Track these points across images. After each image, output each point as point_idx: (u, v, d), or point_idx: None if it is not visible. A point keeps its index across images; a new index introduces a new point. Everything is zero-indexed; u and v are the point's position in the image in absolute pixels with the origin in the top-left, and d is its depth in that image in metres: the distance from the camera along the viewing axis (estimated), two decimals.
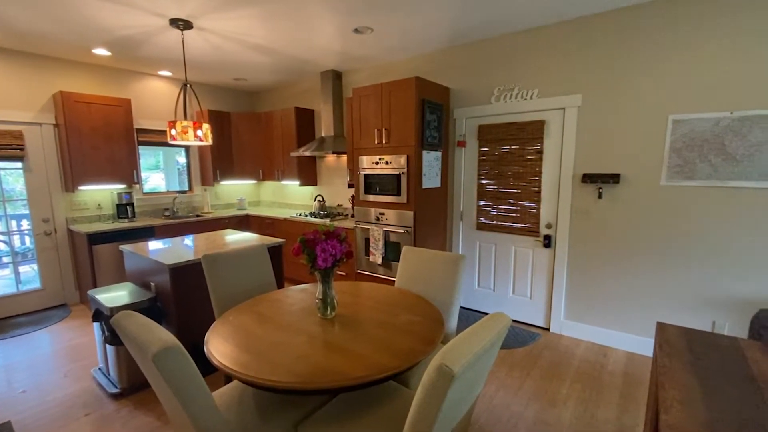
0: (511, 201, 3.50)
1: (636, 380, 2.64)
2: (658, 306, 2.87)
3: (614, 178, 2.87)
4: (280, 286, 3.31)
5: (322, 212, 4.84)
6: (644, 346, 2.96)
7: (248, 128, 5.32)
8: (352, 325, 1.78)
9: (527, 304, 3.55)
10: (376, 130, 3.55)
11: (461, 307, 4.00)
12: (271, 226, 4.95)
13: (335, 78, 4.55)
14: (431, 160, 3.53)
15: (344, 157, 4.82)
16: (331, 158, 5.00)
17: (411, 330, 1.72)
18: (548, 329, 3.45)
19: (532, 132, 3.26)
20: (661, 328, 1.76)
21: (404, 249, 2.53)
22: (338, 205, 4.98)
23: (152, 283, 2.79)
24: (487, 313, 3.79)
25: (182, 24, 3.02)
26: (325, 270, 1.76)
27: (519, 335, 3.32)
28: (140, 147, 4.70)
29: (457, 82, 3.68)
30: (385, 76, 4.23)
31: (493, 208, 3.63)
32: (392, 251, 3.61)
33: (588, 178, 2.97)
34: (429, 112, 3.40)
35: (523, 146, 3.35)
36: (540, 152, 3.26)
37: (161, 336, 1.23)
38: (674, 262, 2.77)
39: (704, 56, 2.52)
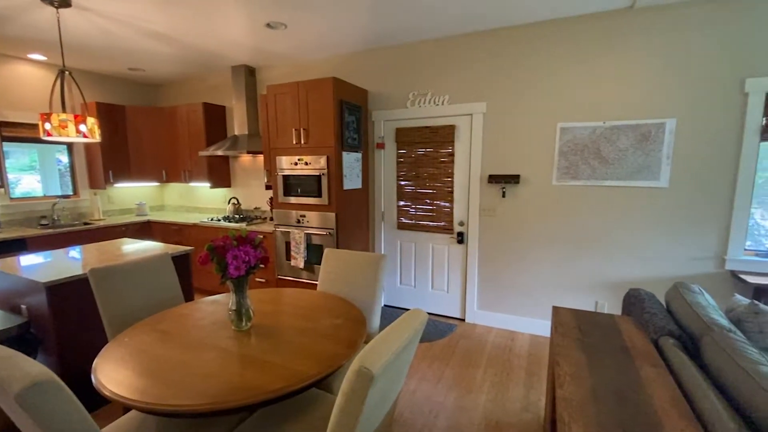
0: (428, 201, 3.66)
1: (538, 359, 2.95)
2: (555, 291, 3.25)
3: (515, 179, 3.18)
4: (189, 298, 3.03)
5: (237, 216, 4.55)
6: (544, 328, 3.33)
7: (148, 124, 4.76)
8: (270, 334, 1.69)
9: (445, 298, 3.75)
10: (293, 129, 3.44)
11: (385, 306, 4.07)
12: (178, 232, 4.50)
13: (248, 74, 4.31)
14: (352, 161, 3.54)
15: (261, 158, 4.58)
16: (246, 158, 4.72)
17: (333, 334, 1.69)
18: (464, 320, 3.68)
19: (444, 136, 3.46)
20: (556, 312, 1.98)
21: (326, 251, 2.49)
22: (256, 208, 4.73)
23: (23, 306, 2.33)
24: (409, 309, 3.92)
25: (57, 1, 2.58)
26: (238, 279, 1.64)
27: (438, 328, 3.49)
28: (5, 143, 3.92)
29: (375, 85, 3.74)
30: (302, 75, 4.13)
31: (412, 208, 3.76)
32: (315, 254, 3.53)
33: (493, 179, 3.24)
34: (348, 114, 3.40)
35: (436, 149, 3.53)
36: (452, 155, 3.47)
37: (28, 369, 1.03)
38: (566, 251, 3.16)
39: (585, 74, 2.92)
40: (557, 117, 3.04)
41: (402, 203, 3.80)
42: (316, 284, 2.52)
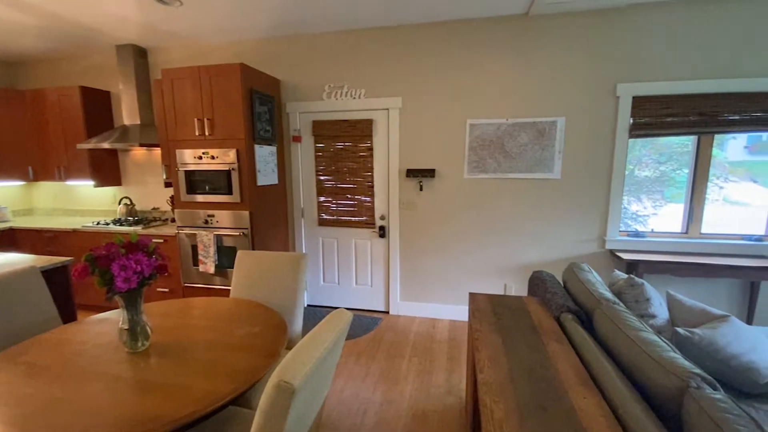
0: (349, 196, 3.61)
1: (458, 343, 3.11)
2: (469, 277, 3.45)
3: (431, 173, 3.29)
4: (70, 319, 2.56)
5: (131, 218, 3.98)
6: (461, 312, 3.53)
7: (4, 110, 3.89)
8: (174, 353, 1.48)
9: (369, 292, 3.75)
10: (196, 119, 3.10)
11: (308, 306, 3.94)
12: (52, 241, 3.78)
13: (138, 55, 3.76)
14: (265, 154, 3.31)
15: (158, 151, 4.06)
16: (139, 152, 4.14)
17: (250, 344, 1.55)
18: (388, 312, 3.73)
19: (362, 130, 3.43)
20: (473, 298, 2.09)
21: (239, 254, 2.29)
22: (154, 209, 4.19)
23: None
24: (335, 308, 3.84)
25: None
26: (129, 292, 1.40)
27: (364, 323, 3.48)
28: None
29: (289, 75, 3.55)
30: (204, 59, 3.73)
31: (333, 204, 3.67)
32: (227, 257, 3.24)
33: (411, 173, 3.31)
34: (259, 104, 3.16)
35: (355, 143, 3.49)
36: (371, 149, 3.46)
37: None
38: (478, 240, 3.37)
39: (490, 73, 3.12)
40: (467, 114, 3.21)
41: (322, 199, 3.69)
42: (230, 290, 2.31)
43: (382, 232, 3.58)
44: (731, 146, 3.05)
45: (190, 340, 1.58)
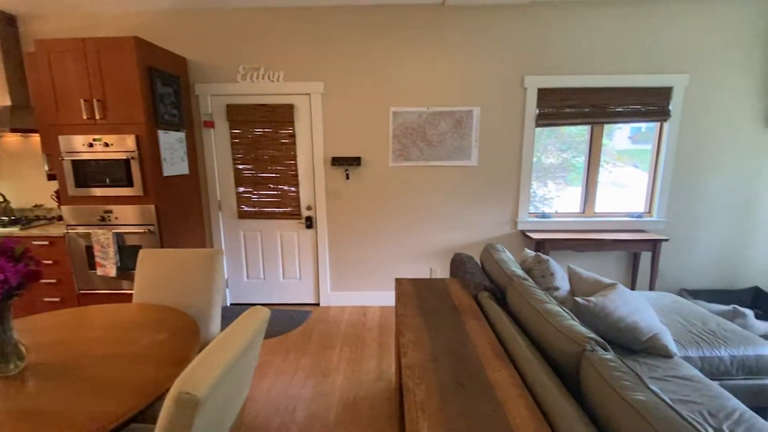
0: (271, 186, 3.43)
1: (388, 329, 3.16)
2: (397, 263, 3.52)
3: (357, 161, 3.25)
4: None
5: (5, 218, 3.34)
6: (390, 298, 3.59)
7: None
8: (57, 374, 1.27)
9: (298, 285, 3.64)
10: (83, 101, 2.67)
11: (231, 304, 3.70)
12: None
13: (5, 22, 3.12)
14: (172, 141, 2.98)
15: (37, 138, 3.44)
16: (12, 139, 3.47)
17: (155, 353, 1.39)
18: (318, 304, 3.66)
19: (283, 115, 3.26)
20: (398, 283, 2.11)
21: (141, 253, 2.04)
22: (36, 206, 3.56)
23: None
24: (261, 305, 3.65)
25: None
26: None
27: (293, 317, 3.37)
28: None
29: (197, 53, 3.21)
30: (93, 31, 3.22)
31: (254, 194, 3.46)
32: (132, 258, 2.88)
33: (336, 161, 3.24)
34: (161, 84, 2.82)
35: (276, 129, 3.31)
36: (293, 136, 3.31)
37: None
38: (404, 226, 3.44)
39: (411, 61, 3.15)
40: (390, 101, 3.21)
41: (242, 189, 3.45)
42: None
43: (309, 223, 3.47)
44: (618, 136, 3.47)
45: (80, 356, 1.37)
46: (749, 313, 2.82)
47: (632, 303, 1.92)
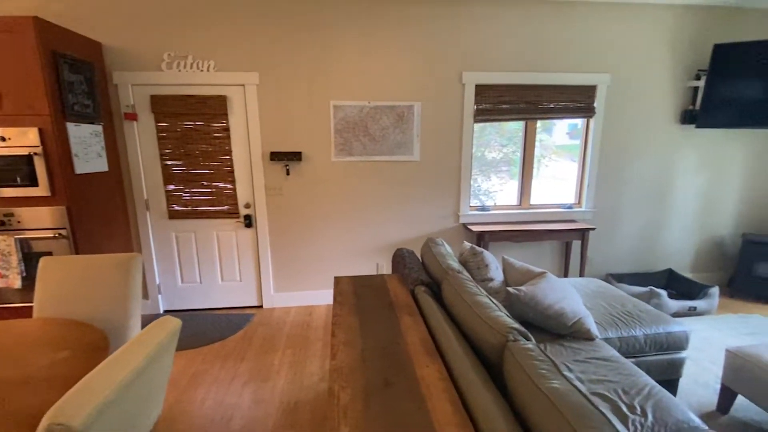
0: (205, 183, 3.21)
1: None
2: (343, 260, 3.46)
3: (297, 156, 3.14)
4: None
5: None
6: None
7: None
8: None
9: (238, 288, 3.46)
10: None
11: (166, 311, 3.44)
12: None
13: None
14: (86, 135, 2.69)
15: None
16: None
17: (52, 375, 1.22)
18: (261, 306, 3.51)
19: (215, 107, 3.05)
20: (336, 281, 2.06)
21: (42, 261, 1.81)
22: None
23: None
24: (198, 310, 3.44)
25: None
26: None
27: (233, 321, 3.20)
28: None
29: (114, 37, 2.91)
30: None
31: (186, 193, 3.22)
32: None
33: (276, 157, 3.11)
34: (69, 71, 2.52)
35: (208, 123, 3.09)
36: (227, 129, 3.12)
37: None
38: (350, 222, 3.38)
39: (352, 54, 3.08)
40: (330, 95, 3.13)
41: (171, 187, 3.20)
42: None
43: (249, 222, 3.30)
44: (557, 132, 3.66)
45: None
46: (663, 293, 3.11)
47: (559, 290, 2.02)
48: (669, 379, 2.10)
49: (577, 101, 3.36)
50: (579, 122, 3.58)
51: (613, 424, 0.84)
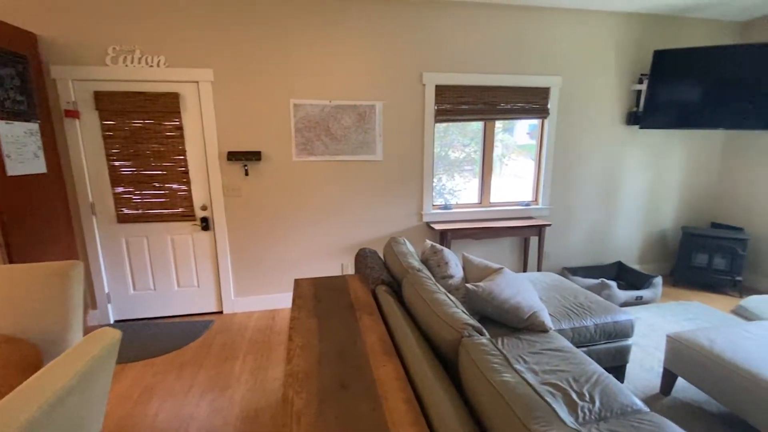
0: (157, 184, 3.05)
1: None
2: (307, 261, 3.40)
3: (256, 156, 3.05)
4: None
5: None
6: None
7: None
8: None
9: (196, 294, 3.31)
10: None
11: (117, 321, 3.23)
12: None
13: None
14: (19, 134, 2.47)
15: None
16: None
17: None
18: (221, 312, 3.38)
19: (167, 105, 2.91)
20: (297, 284, 2.02)
21: None
22: None
23: None
24: (153, 319, 3.26)
25: None
26: None
27: (191, 329, 3.06)
28: None
29: (51, 28, 2.70)
30: None
31: (137, 195, 3.05)
32: None
33: (233, 156, 3.00)
34: None
35: (159, 121, 2.94)
36: (180, 128, 2.98)
37: None
38: (314, 223, 3.33)
39: (313, 53, 3.03)
40: (290, 93, 3.07)
41: (120, 190, 3.02)
42: None
43: (206, 224, 3.17)
44: (518, 132, 3.78)
45: None
46: (613, 284, 3.30)
47: (515, 285, 2.09)
48: (617, 365, 2.22)
49: (532, 102, 3.49)
50: (537, 122, 3.72)
51: (557, 413, 0.87)
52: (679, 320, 3.07)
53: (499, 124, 3.57)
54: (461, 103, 3.35)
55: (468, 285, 1.99)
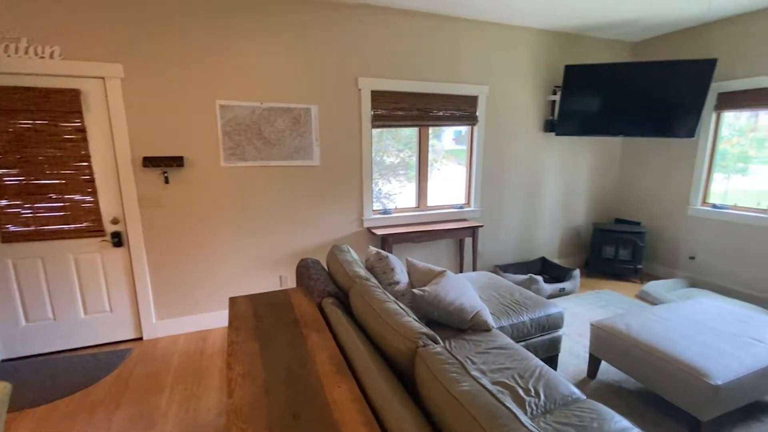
0: (54, 196, 2.61)
1: None
2: (242, 275, 3.16)
3: (178, 161, 2.75)
4: None
5: None
6: None
7: None
8: None
9: (108, 321, 2.89)
10: None
11: (4, 360, 2.69)
12: None
13: None
14: None
15: None
16: None
17: None
18: (141, 338, 2.99)
19: (64, 103, 2.50)
20: (232, 303, 1.84)
21: None
22: None
23: None
24: (55, 354, 2.77)
25: None
26: None
27: (103, 362, 2.66)
28: None
29: None
30: None
31: (27, 209, 2.57)
32: None
33: (150, 162, 2.68)
34: None
35: (55, 122, 2.52)
36: (82, 130, 2.58)
37: None
38: (247, 233, 3.10)
39: (242, 52, 2.82)
40: (216, 93, 2.83)
41: (4, 203, 2.52)
42: None
43: (118, 240, 2.78)
44: (445, 138, 3.91)
45: None
46: (540, 279, 3.56)
47: (458, 286, 2.14)
48: (551, 355, 2.39)
49: (462, 110, 3.64)
50: (464, 129, 3.89)
51: (518, 417, 0.88)
52: (595, 308, 3.41)
53: (429, 130, 3.67)
54: (397, 109, 3.38)
55: (415, 290, 1.99)
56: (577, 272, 3.81)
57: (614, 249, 4.18)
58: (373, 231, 3.36)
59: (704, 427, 1.77)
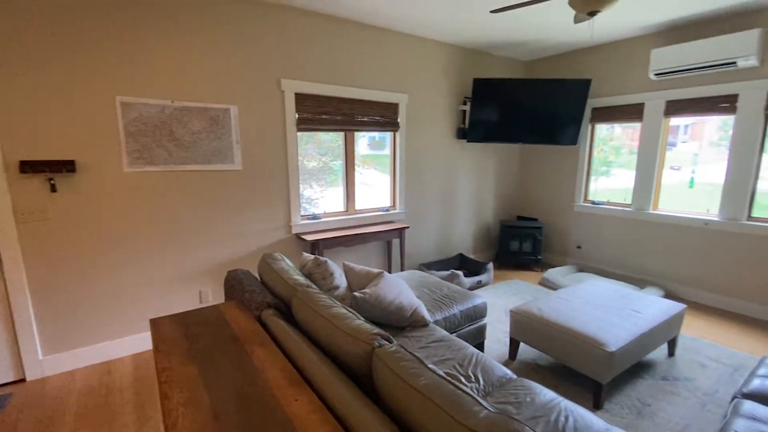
0: None
1: (148, 380, 2.48)
2: (154, 294, 2.81)
3: (68, 166, 2.35)
4: None
5: None
6: (148, 340, 2.85)
7: None
8: None
9: None
10: None
11: None
12: None
13: None
14: None
15: None
16: None
17: None
18: (24, 380, 2.48)
19: None
20: (155, 326, 1.65)
21: None
22: None
23: None
24: None
25: None
26: None
27: None
28: None
29: None
30: None
31: None
32: None
33: (30, 168, 2.24)
34: None
35: None
36: None
37: None
38: (157, 246, 2.77)
39: (148, 45, 2.52)
40: (116, 89, 2.48)
41: None
42: None
43: None
44: (360, 143, 3.97)
45: None
46: (460, 273, 3.84)
47: (396, 286, 2.21)
48: (478, 342, 2.60)
49: (385, 116, 3.76)
50: (377, 135, 4.01)
51: (480, 403, 0.96)
52: (508, 296, 3.80)
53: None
54: (322, 113, 3.35)
55: (356, 294, 2.00)
56: (490, 265, 4.20)
57: (518, 243, 4.70)
58: (303, 237, 3.28)
59: (604, 388, 2.10)
